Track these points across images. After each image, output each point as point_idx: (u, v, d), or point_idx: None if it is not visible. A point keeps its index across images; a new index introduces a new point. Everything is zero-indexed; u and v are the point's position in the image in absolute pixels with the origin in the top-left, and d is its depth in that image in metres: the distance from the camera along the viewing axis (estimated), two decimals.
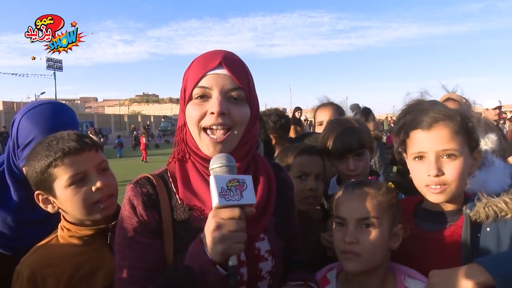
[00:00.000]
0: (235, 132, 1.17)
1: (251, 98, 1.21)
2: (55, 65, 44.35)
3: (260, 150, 2.32)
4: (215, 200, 0.98)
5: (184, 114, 1.21)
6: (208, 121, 1.14)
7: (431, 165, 1.30)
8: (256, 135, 1.30)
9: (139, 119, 58.20)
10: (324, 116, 2.81)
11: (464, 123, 1.32)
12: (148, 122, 46.72)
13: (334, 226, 1.34)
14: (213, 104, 1.12)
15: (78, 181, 1.30)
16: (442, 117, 1.31)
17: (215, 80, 1.14)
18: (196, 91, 1.16)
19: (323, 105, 2.97)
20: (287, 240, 1.32)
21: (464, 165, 1.30)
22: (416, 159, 1.36)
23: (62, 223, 1.38)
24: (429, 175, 1.30)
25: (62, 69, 45.60)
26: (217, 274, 1.00)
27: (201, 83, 1.15)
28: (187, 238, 1.12)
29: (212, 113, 1.12)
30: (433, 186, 1.31)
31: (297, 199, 1.77)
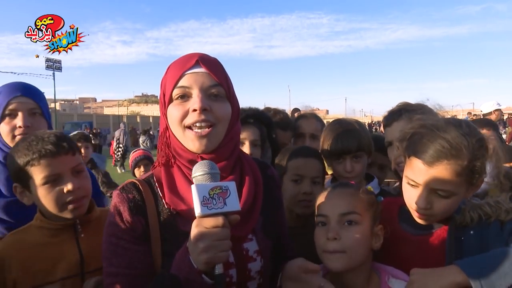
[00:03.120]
0: (219, 128, 1.18)
1: (230, 95, 1.24)
2: (54, 66, 44.23)
3: (267, 156, 2.21)
4: (197, 209, 0.98)
5: (166, 118, 1.22)
6: (191, 119, 1.15)
7: (421, 198, 1.28)
8: (239, 133, 1.32)
9: (138, 120, 58.11)
10: (308, 129, 2.60)
11: (471, 163, 1.22)
12: (151, 129, 46.70)
13: (316, 227, 1.34)
14: (195, 102, 1.14)
15: (51, 181, 1.40)
16: (448, 155, 1.22)
17: (194, 78, 1.16)
18: (176, 92, 1.17)
19: (307, 116, 2.74)
20: (276, 238, 1.33)
21: (455, 202, 1.29)
22: (410, 184, 1.33)
23: (37, 213, 1.47)
24: (416, 204, 1.31)
25: (61, 70, 45.49)
26: (203, 283, 1.01)
27: (180, 83, 1.17)
28: (174, 242, 1.13)
29: (195, 110, 1.13)
30: (421, 214, 1.33)
31: (292, 202, 1.83)
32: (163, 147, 1.25)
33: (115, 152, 17.27)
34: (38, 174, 1.38)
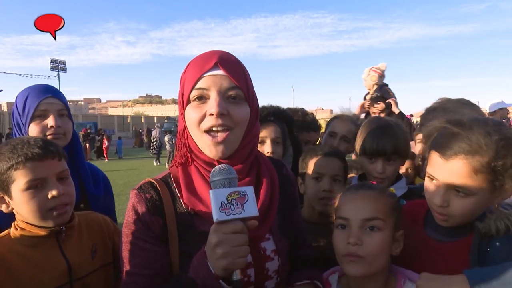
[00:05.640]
0: (236, 132, 1.16)
1: (249, 97, 1.20)
2: (59, 66, 44.57)
3: (289, 154, 2.18)
4: (215, 215, 0.96)
5: (184, 118, 1.20)
6: (208, 123, 1.13)
7: (438, 194, 1.23)
8: (258, 134, 1.29)
9: (143, 120, 58.34)
10: (341, 130, 2.58)
11: (493, 162, 1.14)
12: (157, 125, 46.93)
13: (334, 228, 1.30)
14: (212, 105, 1.12)
15: (35, 186, 1.32)
16: (465, 149, 1.16)
17: (212, 81, 1.13)
18: (194, 93, 1.15)
19: (343, 117, 2.72)
20: (293, 236, 1.33)
21: (474, 203, 1.20)
22: (430, 178, 1.28)
23: (16, 221, 1.40)
24: (433, 200, 1.26)
25: (66, 70, 45.80)
26: None
27: (198, 85, 1.14)
28: (192, 242, 1.13)
29: (211, 114, 1.11)
30: (439, 212, 1.27)
31: (313, 200, 1.85)
32: (181, 147, 1.24)
33: (151, 148, 20.76)
34: (22, 178, 1.30)
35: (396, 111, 3.90)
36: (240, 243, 0.97)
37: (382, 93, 4.15)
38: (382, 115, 3.93)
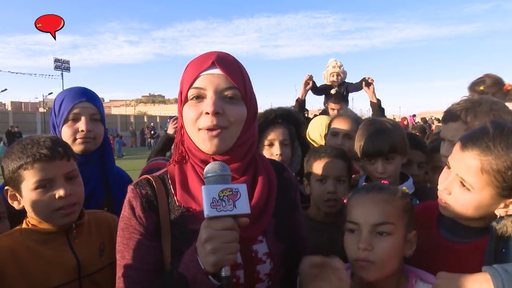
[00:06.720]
0: (232, 130, 1.17)
1: (247, 97, 1.21)
2: (62, 66, 44.75)
3: (298, 155, 2.20)
4: (206, 211, 0.97)
5: (181, 116, 1.22)
6: (203, 122, 1.14)
7: (444, 180, 1.25)
8: (256, 134, 1.29)
9: (145, 119, 58.42)
10: (341, 127, 2.56)
11: (507, 170, 1.11)
12: (152, 123, 46.95)
13: (345, 232, 1.28)
14: (208, 104, 1.13)
15: (43, 186, 1.36)
16: (483, 148, 1.15)
17: (209, 80, 1.15)
18: (191, 92, 1.16)
19: (343, 115, 2.73)
20: (290, 241, 1.30)
21: (475, 201, 1.19)
22: (447, 167, 1.28)
23: (28, 218, 1.43)
24: (438, 184, 1.27)
25: (69, 70, 45.98)
26: (209, 284, 1.00)
27: (196, 84, 1.16)
28: (183, 240, 1.14)
29: (207, 113, 1.12)
30: (440, 197, 1.28)
31: (319, 202, 1.89)
32: (178, 145, 1.26)
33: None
34: (30, 178, 1.34)
35: (374, 100, 3.79)
36: (230, 239, 0.97)
37: (346, 87, 4.26)
38: (336, 107, 3.96)
